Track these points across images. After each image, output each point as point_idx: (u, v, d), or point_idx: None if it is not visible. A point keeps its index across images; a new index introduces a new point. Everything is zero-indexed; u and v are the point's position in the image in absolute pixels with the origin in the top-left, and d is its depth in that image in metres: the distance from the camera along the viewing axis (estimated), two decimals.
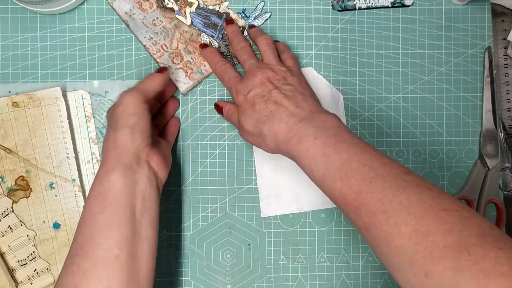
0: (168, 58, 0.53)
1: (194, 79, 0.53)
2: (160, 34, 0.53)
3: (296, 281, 0.54)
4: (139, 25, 0.52)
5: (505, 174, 0.55)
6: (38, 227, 0.52)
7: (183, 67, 0.53)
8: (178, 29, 0.53)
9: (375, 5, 0.55)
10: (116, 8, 0.52)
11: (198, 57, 0.53)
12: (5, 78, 0.53)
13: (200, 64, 0.53)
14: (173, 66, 0.53)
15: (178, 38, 0.53)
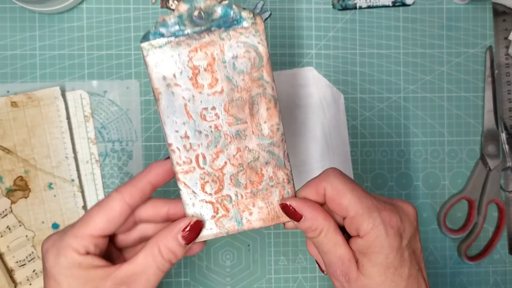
0: (197, 180, 0.33)
1: (224, 228, 0.34)
2: (204, 137, 0.32)
3: (296, 282, 0.54)
4: (177, 107, 0.31)
5: (507, 174, 0.55)
6: (37, 227, 0.51)
7: (215, 202, 0.33)
8: (239, 140, 0.32)
9: (376, 4, 0.55)
10: (150, 63, 0.31)
11: (247, 197, 0.33)
12: (4, 77, 0.52)
13: (245, 209, 0.33)
14: (199, 195, 0.33)
15: (231, 156, 0.33)
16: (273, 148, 0.33)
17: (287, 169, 0.34)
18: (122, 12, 0.53)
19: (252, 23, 0.31)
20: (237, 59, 0.31)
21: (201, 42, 0.31)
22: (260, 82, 0.32)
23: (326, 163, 0.54)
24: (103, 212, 0.32)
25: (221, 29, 0.31)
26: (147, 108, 0.53)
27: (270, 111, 0.33)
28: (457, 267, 0.55)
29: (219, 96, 0.32)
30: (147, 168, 0.33)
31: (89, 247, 0.32)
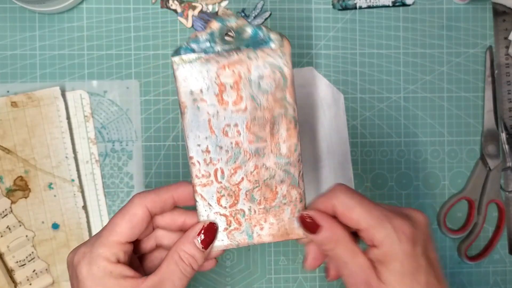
0: (214, 193, 0.34)
1: (234, 240, 0.35)
2: (224, 152, 0.33)
3: (296, 282, 0.54)
4: (201, 122, 0.32)
5: (507, 175, 0.55)
6: (37, 227, 0.51)
7: (229, 216, 0.34)
8: (258, 158, 0.33)
9: (376, 4, 0.55)
10: (179, 77, 0.32)
11: (260, 213, 0.34)
12: (4, 77, 0.52)
13: (256, 224, 0.34)
14: (214, 207, 0.34)
15: (249, 172, 0.33)
16: (289, 167, 0.34)
17: (300, 188, 0.35)
18: (122, 12, 0.53)
19: (280, 45, 0.32)
20: (262, 79, 0.32)
21: (229, 60, 0.32)
22: (283, 103, 0.33)
23: (326, 163, 0.54)
24: (128, 218, 0.33)
25: (250, 49, 0.32)
26: (147, 108, 0.53)
27: (290, 131, 0.33)
28: (457, 267, 0.55)
29: (242, 114, 0.32)
30: (175, 184, 0.34)
31: (119, 254, 0.33)
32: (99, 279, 0.32)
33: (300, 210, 0.35)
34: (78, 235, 0.52)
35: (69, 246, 0.52)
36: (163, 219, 0.35)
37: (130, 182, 0.53)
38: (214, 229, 0.34)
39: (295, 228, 0.35)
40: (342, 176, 0.54)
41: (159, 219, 0.35)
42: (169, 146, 0.54)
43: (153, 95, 0.53)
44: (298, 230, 0.35)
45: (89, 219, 0.52)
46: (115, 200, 0.53)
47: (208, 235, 0.34)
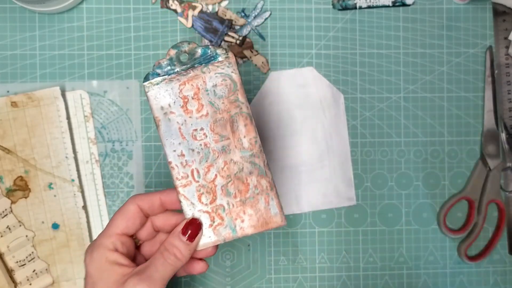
0: (194, 192, 0.38)
1: (220, 235, 0.38)
2: (196, 154, 0.38)
3: (296, 282, 0.54)
4: (173, 131, 0.38)
5: (507, 174, 0.55)
6: (37, 227, 0.51)
7: (211, 212, 0.38)
8: (225, 154, 0.38)
9: (376, 4, 0.55)
10: (151, 97, 0.38)
11: (238, 206, 0.38)
12: (4, 77, 0.52)
13: (237, 217, 0.38)
14: (197, 205, 0.38)
15: (220, 168, 0.38)
16: (254, 159, 0.38)
17: (268, 177, 0.38)
18: (122, 12, 0.53)
19: (226, 57, 0.38)
20: (216, 87, 0.38)
21: (188, 77, 0.38)
22: (237, 104, 0.38)
23: (326, 163, 0.54)
24: (122, 214, 0.39)
25: (202, 65, 0.38)
26: (147, 108, 0.53)
27: (248, 126, 0.38)
28: (457, 267, 0.55)
29: (205, 119, 0.38)
30: (163, 190, 0.40)
31: (116, 244, 0.38)
32: (98, 264, 0.37)
33: (273, 198, 0.38)
34: (78, 235, 0.52)
35: (69, 246, 0.52)
36: (159, 220, 0.41)
37: (130, 182, 0.53)
38: (197, 223, 0.38)
39: (272, 217, 0.38)
40: (342, 176, 0.54)
41: (156, 220, 0.41)
42: None
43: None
44: (275, 218, 0.38)
45: (89, 219, 0.53)
46: (115, 200, 0.53)
47: (191, 228, 0.38)
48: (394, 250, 0.55)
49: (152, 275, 0.36)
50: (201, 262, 0.40)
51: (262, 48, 0.54)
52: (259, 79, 0.54)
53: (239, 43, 0.54)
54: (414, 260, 0.55)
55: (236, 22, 0.54)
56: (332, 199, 0.54)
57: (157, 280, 0.36)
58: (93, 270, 0.37)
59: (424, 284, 0.55)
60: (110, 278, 0.37)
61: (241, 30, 0.54)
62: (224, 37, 0.54)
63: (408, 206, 0.55)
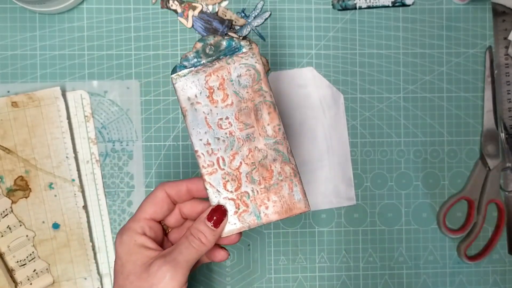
0: (220, 179, 0.39)
1: (245, 222, 0.39)
2: (222, 142, 0.39)
3: (296, 281, 0.54)
4: (200, 120, 0.39)
5: (506, 174, 0.55)
6: (37, 227, 0.51)
7: (236, 199, 0.39)
8: (249, 142, 0.39)
9: (376, 4, 0.55)
10: (178, 88, 0.39)
11: (262, 192, 0.39)
12: (4, 78, 0.53)
13: (261, 204, 0.39)
14: (222, 192, 0.39)
15: (245, 156, 0.39)
16: (278, 146, 0.39)
17: (292, 164, 0.39)
18: (123, 13, 0.53)
19: (249, 48, 0.39)
20: (241, 77, 0.39)
21: (213, 68, 0.39)
22: (261, 92, 0.39)
23: (326, 163, 0.54)
24: (150, 199, 0.40)
25: (227, 57, 0.39)
26: (147, 108, 0.53)
27: (271, 114, 0.39)
28: (456, 266, 0.55)
29: (230, 108, 0.39)
30: (189, 178, 0.41)
31: (145, 228, 0.40)
32: (126, 246, 0.39)
33: (296, 184, 0.39)
34: (79, 234, 0.52)
35: (69, 246, 0.52)
36: (186, 207, 0.42)
37: (130, 182, 0.53)
38: (222, 209, 0.39)
39: (296, 203, 0.39)
40: (342, 176, 0.54)
41: (184, 208, 0.42)
42: (169, 146, 0.54)
43: (154, 95, 0.54)
44: (299, 205, 0.39)
45: (90, 219, 0.53)
46: (115, 200, 0.53)
47: (216, 214, 0.38)
48: (393, 249, 0.55)
49: (176, 258, 0.37)
50: (222, 251, 0.41)
51: (262, 48, 0.54)
52: None
53: None
54: (414, 259, 0.55)
55: (236, 22, 0.54)
56: (332, 199, 0.54)
57: (182, 262, 0.37)
58: (122, 252, 0.39)
59: (424, 284, 0.55)
60: (137, 260, 0.38)
61: (241, 30, 0.54)
62: None
63: (407, 206, 0.55)
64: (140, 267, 0.38)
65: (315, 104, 0.54)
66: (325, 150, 0.54)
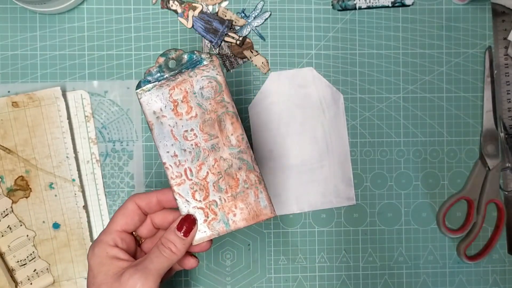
0: (188, 190, 0.40)
1: (215, 230, 0.40)
2: (188, 153, 0.40)
3: (296, 281, 0.54)
4: (166, 133, 0.40)
5: (506, 174, 0.55)
6: (37, 227, 0.52)
7: (205, 208, 0.40)
8: (215, 152, 0.40)
9: (376, 4, 0.55)
10: (143, 103, 0.40)
11: (229, 200, 0.40)
12: (5, 78, 0.53)
13: (229, 211, 0.40)
14: (191, 202, 0.40)
15: (211, 166, 0.40)
16: (242, 155, 0.40)
17: (256, 171, 0.40)
18: (123, 13, 0.54)
19: (210, 61, 0.40)
20: (203, 89, 0.40)
21: (176, 82, 0.40)
22: (223, 104, 0.40)
23: (326, 163, 0.54)
24: (121, 212, 0.41)
25: (189, 70, 0.40)
26: None
27: (234, 124, 0.40)
28: (456, 266, 0.56)
29: (194, 120, 0.40)
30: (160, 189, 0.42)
31: (117, 239, 0.40)
32: (98, 258, 0.39)
33: (262, 191, 0.40)
34: (79, 234, 0.52)
35: (69, 245, 0.52)
36: (158, 217, 0.42)
37: (130, 182, 0.53)
38: (192, 219, 0.40)
39: (262, 209, 0.40)
40: (342, 176, 0.54)
41: (155, 218, 0.43)
42: None
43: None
44: (265, 211, 0.40)
45: (90, 218, 0.53)
46: (115, 200, 0.53)
47: (186, 224, 0.39)
48: (393, 249, 0.55)
49: (147, 266, 0.38)
50: (192, 258, 0.42)
51: (262, 48, 0.55)
52: (259, 79, 0.55)
53: (239, 44, 0.54)
54: (414, 259, 0.55)
55: (236, 22, 0.54)
56: (332, 198, 0.54)
57: (152, 270, 0.38)
58: (94, 264, 0.39)
59: (424, 284, 0.55)
60: (109, 270, 0.39)
61: (241, 31, 0.54)
62: (224, 38, 0.54)
63: (407, 205, 0.55)
64: (111, 277, 0.38)
65: (315, 104, 0.55)
66: (325, 150, 0.54)
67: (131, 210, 0.41)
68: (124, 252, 0.40)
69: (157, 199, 0.41)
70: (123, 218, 0.41)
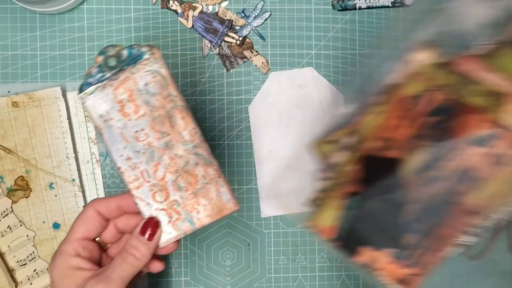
0: (148, 192, 0.38)
1: (180, 230, 0.39)
2: (142, 155, 0.38)
3: (296, 281, 0.54)
4: (116, 136, 0.38)
5: None
6: (37, 227, 0.52)
7: (167, 209, 0.39)
8: (168, 150, 0.38)
9: (376, 4, 0.55)
10: (89, 107, 0.38)
11: (191, 198, 0.38)
12: (5, 78, 0.53)
13: (192, 209, 0.39)
14: (152, 204, 0.38)
15: (167, 165, 0.38)
16: (197, 149, 0.39)
17: (214, 165, 0.39)
18: (123, 13, 0.54)
19: (151, 54, 0.38)
20: (148, 85, 0.38)
21: (119, 81, 0.38)
22: (171, 98, 0.38)
23: None
24: (80, 219, 0.40)
25: (131, 66, 0.38)
26: None
27: (185, 119, 0.38)
28: (456, 266, 0.56)
29: (143, 119, 0.38)
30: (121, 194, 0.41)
31: (78, 249, 0.39)
32: (60, 270, 0.38)
33: (222, 185, 0.39)
34: None
35: None
36: (121, 222, 0.41)
37: None
38: (154, 221, 0.38)
39: (225, 203, 0.39)
40: None
41: (119, 223, 0.41)
42: None
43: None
44: (228, 205, 0.39)
45: None
46: None
47: (149, 227, 0.38)
48: None
49: (110, 275, 0.37)
50: (157, 262, 0.41)
51: (262, 48, 0.55)
52: (259, 79, 0.55)
53: (239, 44, 0.54)
54: None
55: (236, 22, 0.54)
56: None
57: (116, 279, 0.37)
58: (56, 276, 0.38)
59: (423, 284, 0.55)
60: (71, 283, 0.37)
61: (241, 31, 0.54)
62: (224, 38, 0.54)
63: None
64: None
65: (315, 104, 0.55)
66: None
67: (91, 216, 0.39)
68: (87, 261, 0.39)
69: (117, 205, 0.40)
70: (83, 225, 0.39)
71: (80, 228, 0.39)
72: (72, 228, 0.39)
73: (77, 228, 0.39)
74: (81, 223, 0.39)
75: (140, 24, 0.54)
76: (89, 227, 0.39)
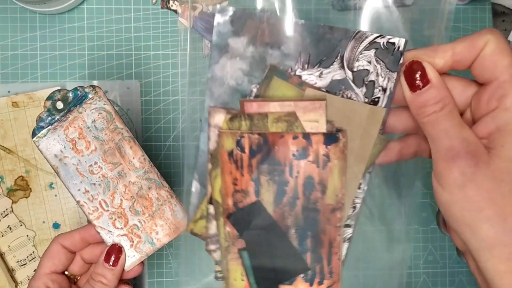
0: (108, 220, 0.41)
1: (143, 252, 0.41)
2: (98, 186, 0.41)
3: None
4: (72, 173, 0.40)
5: None
6: (37, 227, 0.52)
7: (128, 234, 0.41)
8: (123, 179, 0.41)
9: None
10: (43, 149, 0.40)
11: (149, 221, 0.41)
12: (5, 78, 0.53)
13: (151, 231, 0.41)
14: (114, 232, 0.41)
15: (122, 192, 0.41)
16: (148, 174, 0.41)
17: (165, 187, 0.41)
18: (123, 13, 0.54)
19: (94, 93, 0.40)
20: (96, 122, 0.40)
21: (68, 121, 0.40)
22: (118, 131, 0.41)
23: None
24: (47, 254, 0.41)
25: (77, 106, 0.40)
26: (147, 108, 0.54)
27: (133, 148, 0.41)
28: (456, 266, 0.56)
29: (95, 153, 0.40)
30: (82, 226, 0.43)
31: (48, 283, 0.41)
32: None
33: (175, 204, 0.41)
34: None
35: None
36: (86, 253, 0.43)
37: None
38: (117, 247, 0.40)
39: (180, 221, 0.41)
40: None
41: (84, 254, 0.43)
42: (170, 146, 0.54)
43: (154, 95, 0.54)
44: (183, 222, 0.41)
45: None
46: None
47: (113, 253, 0.40)
48: None
49: None
50: (125, 286, 0.42)
51: None
52: None
53: None
54: (414, 259, 0.55)
55: None
56: None
57: None
58: None
59: (424, 284, 0.55)
60: None
61: None
62: None
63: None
64: None
65: None
66: None
67: (56, 251, 0.41)
68: None
69: (81, 237, 0.42)
70: (49, 260, 0.41)
71: (47, 263, 0.41)
72: (39, 264, 0.41)
73: (44, 264, 0.41)
74: (47, 259, 0.41)
75: (140, 24, 0.54)
76: (55, 262, 0.41)
